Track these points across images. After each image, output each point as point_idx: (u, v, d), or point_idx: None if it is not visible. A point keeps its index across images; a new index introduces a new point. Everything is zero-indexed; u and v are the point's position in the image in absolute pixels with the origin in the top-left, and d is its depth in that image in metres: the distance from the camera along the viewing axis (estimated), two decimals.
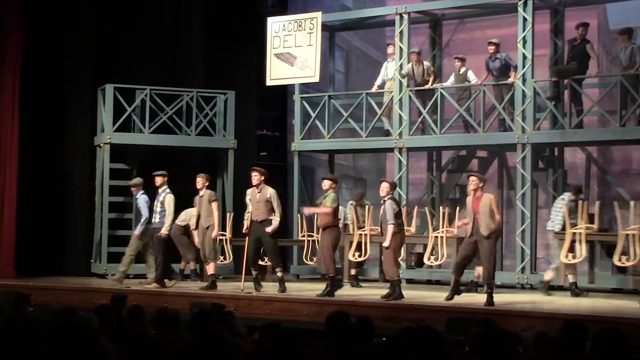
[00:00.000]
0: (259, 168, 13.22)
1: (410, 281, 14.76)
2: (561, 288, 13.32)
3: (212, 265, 13.64)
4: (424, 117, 15.35)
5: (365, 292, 13.35)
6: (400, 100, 15.44)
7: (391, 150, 15.78)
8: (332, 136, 16.35)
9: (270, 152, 19.23)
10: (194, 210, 14.07)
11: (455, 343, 6.99)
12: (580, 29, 14.36)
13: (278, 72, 14.65)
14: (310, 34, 14.32)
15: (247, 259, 13.04)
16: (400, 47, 15.52)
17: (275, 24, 14.79)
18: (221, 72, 17.33)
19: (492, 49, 14.87)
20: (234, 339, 6.07)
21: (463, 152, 16.66)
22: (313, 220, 14.68)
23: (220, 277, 14.35)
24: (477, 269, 13.01)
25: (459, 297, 11.82)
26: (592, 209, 13.32)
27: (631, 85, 13.63)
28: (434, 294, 12.70)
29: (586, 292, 13.11)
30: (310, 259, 15.14)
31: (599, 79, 15.10)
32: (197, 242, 14.10)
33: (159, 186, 13.74)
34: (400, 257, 12.83)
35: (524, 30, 14.40)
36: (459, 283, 11.83)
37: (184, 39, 17.30)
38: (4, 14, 15.52)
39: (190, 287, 13.72)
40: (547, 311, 11.00)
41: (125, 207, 15.72)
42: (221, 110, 16.49)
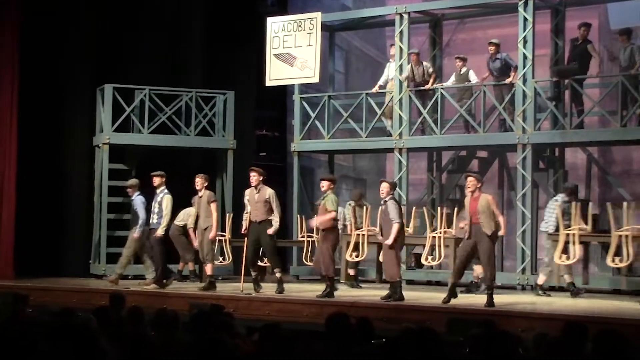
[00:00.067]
0: (257, 168, 13.18)
1: (410, 282, 14.73)
2: (554, 289, 13.28)
3: (209, 266, 13.61)
4: (424, 118, 15.33)
5: (364, 293, 13.32)
6: (400, 100, 15.42)
7: (391, 150, 15.76)
8: (332, 136, 16.32)
9: (269, 152, 19.21)
10: (192, 210, 14.03)
11: (456, 344, 6.99)
12: (582, 29, 14.35)
13: (278, 73, 14.63)
14: (310, 34, 14.29)
15: (246, 259, 13.00)
16: (400, 47, 15.50)
17: (274, 24, 14.76)
18: (221, 72, 17.31)
19: (492, 49, 14.86)
20: (233, 340, 6.06)
21: (463, 153, 16.61)
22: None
23: (219, 278, 14.33)
24: (476, 269, 12.98)
25: (459, 298, 11.79)
26: (594, 210, 13.29)
27: (632, 86, 13.61)
28: (434, 295, 12.66)
29: (583, 290, 13.10)
30: (310, 260, 15.11)
31: (600, 79, 15.08)
32: (196, 243, 14.08)
33: (156, 186, 13.69)
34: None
35: (524, 30, 14.37)
36: (456, 286, 11.80)
37: (184, 39, 17.28)
38: (4, 13, 15.50)
39: (189, 288, 13.69)
40: (547, 312, 10.96)
41: (124, 208, 15.67)
42: (220, 111, 16.47)
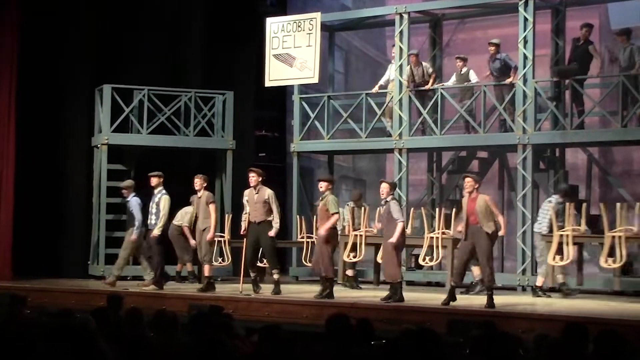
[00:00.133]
0: (256, 169, 13.12)
1: (410, 283, 14.70)
2: (554, 290, 13.26)
3: (207, 267, 13.58)
4: (424, 118, 15.30)
5: (364, 294, 13.29)
6: (400, 100, 15.39)
7: (391, 151, 15.73)
8: (332, 137, 16.29)
9: (269, 153, 19.19)
10: (190, 208, 13.98)
11: (456, 345, 6.98)
12: (584, 29, 14.31)
13: (277, 73, 14.61)
14: (310, 34, 14.27)
15: (246, 260, 12.95)
16: (400, 47, 15.47)
17: (274, 25, 14.74)
18: (220, 73, 17.29)
19: (492, 50, 14.83)
20: (233, 341, 6.04)
21: (463, 153, 16.59)
22: (312, 222, 14.62)
23: (217, 279, 14.29)
24: (475, 270, 12.95)
25: (460, 299, 11.77)
26: (595, 210, 13.27)
27: (632, 86, 13.59)
28: (434, 296, 12.64)
29: (577, 291, 13.07)
30: (310, 261, 15.07)
31: (600, 79, 15.06)
32: (194, 244, 14.05)
33: (154, 187, 13.65)
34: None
35: (524, 30, 14.34)
36: (455, 288, 11.77)
37: (184, 39, 17.27)
38: (4, 13, 15.47)
39: (188, 289, 13.66)
40: (548, 313, 10.94)
41: (122, 209, 15.59)
42: (220, 111, 16.44)
